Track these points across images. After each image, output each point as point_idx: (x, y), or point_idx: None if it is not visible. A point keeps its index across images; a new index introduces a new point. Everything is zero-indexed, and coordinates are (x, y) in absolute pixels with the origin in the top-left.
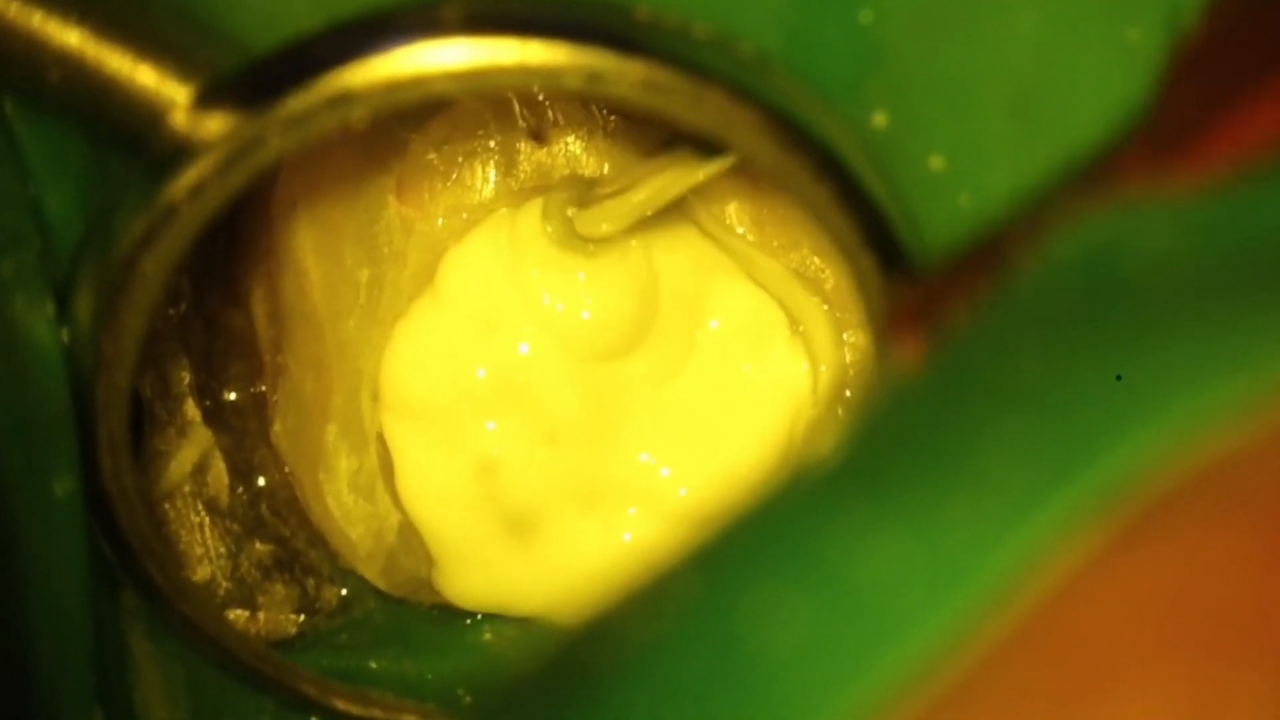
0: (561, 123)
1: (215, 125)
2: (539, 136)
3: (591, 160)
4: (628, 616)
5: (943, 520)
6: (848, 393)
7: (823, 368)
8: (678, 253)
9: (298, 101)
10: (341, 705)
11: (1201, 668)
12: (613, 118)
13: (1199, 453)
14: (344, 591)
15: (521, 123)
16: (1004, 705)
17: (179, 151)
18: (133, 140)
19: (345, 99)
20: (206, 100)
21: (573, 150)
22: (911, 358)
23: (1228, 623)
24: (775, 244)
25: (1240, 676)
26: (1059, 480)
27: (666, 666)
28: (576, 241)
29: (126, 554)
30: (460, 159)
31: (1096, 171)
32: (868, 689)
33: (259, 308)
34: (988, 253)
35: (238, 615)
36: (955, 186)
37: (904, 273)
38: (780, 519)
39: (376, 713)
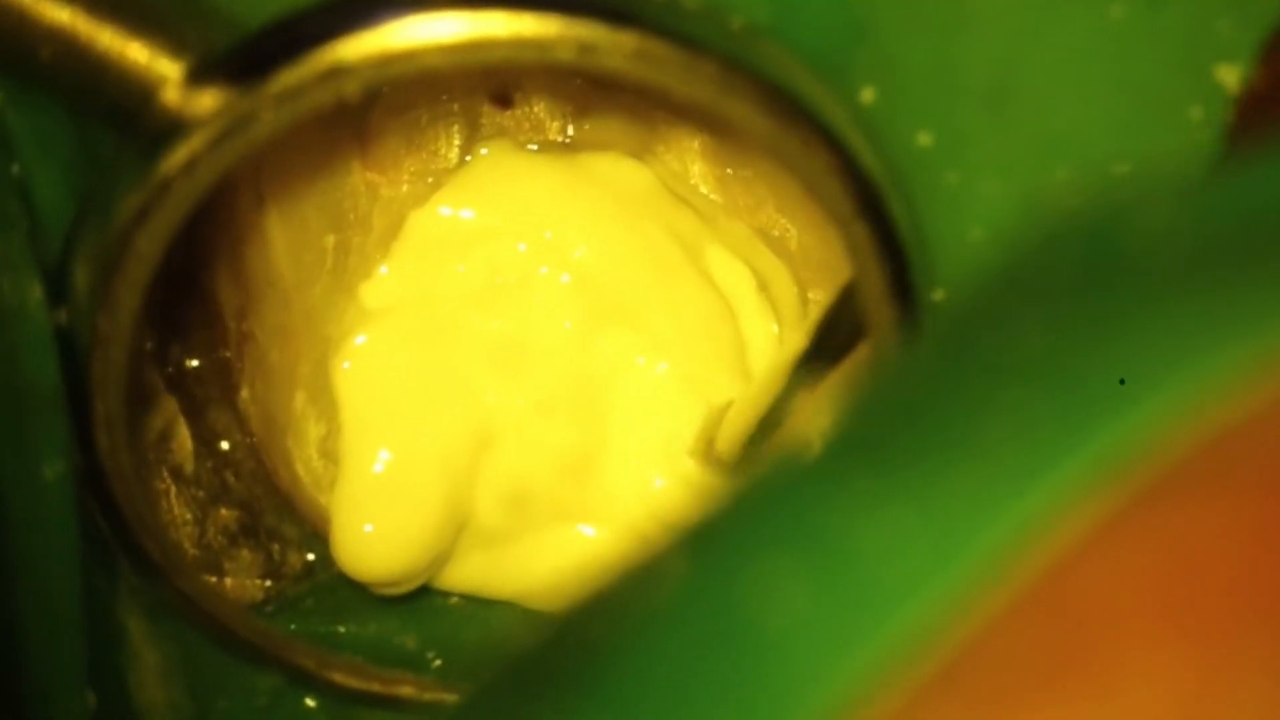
0: (525, 86)
1: (207, 101)
2: (502, 100)
3: (555, 123)
4: (627, 590)
5: (943, 492)
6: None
7: (787, 327)
8: (662, 217)
9: (289, 76)
10: (340, 679)
11: (1204, 641)
12: (578, 80)
13: (1200, 424)
14: (310, 556)
15: (484, 86)
16: (1005, 675)
17: (172, 128)
18: (125, 118)
19: (337, 73)
20: (198, 77)
21: (536, 113)
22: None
23: (1230, 595)
24: (740, 204)
25: (1243, 651)
26: (1060, 452)
27: (667, 637)
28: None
29: (123, 530)
30: (424, 123)
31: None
32: (869, 657)
33: (222, 274)
34: None
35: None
36: (943, 163)
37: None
38: (780, 492)
39: (375, 686)
